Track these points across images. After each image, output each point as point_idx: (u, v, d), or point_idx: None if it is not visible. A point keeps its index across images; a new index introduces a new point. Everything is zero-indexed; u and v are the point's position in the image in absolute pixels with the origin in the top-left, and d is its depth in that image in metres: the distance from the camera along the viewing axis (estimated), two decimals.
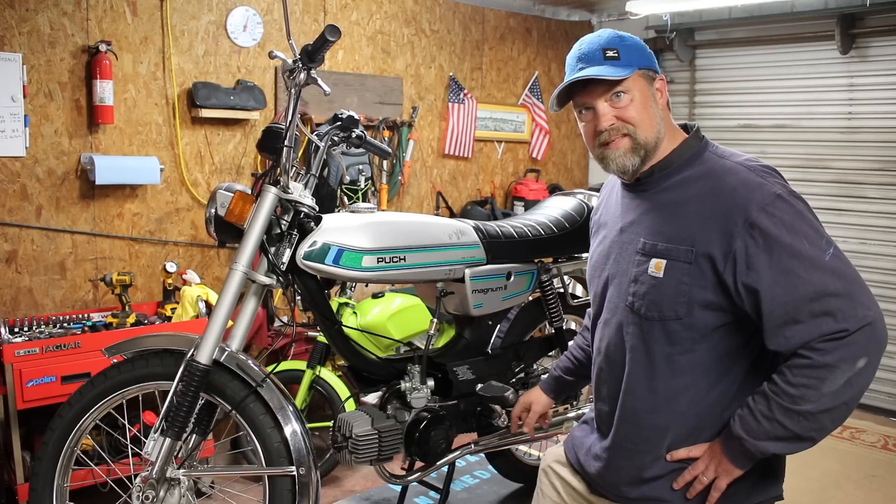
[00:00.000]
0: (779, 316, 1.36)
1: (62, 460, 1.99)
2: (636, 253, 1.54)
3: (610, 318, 1.61)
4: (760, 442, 1.39)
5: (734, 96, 4.76)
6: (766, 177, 1.43)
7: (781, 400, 1.36)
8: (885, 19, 4.08)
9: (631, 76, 1.50)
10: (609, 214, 1.69)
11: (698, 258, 1.43)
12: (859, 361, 1.32)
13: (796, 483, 3.19)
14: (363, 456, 2.05)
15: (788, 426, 1.36)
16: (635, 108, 1.51)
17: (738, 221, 1.38)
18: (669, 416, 1.51)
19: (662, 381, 1.50)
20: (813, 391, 1.33)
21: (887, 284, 4.21)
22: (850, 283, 1.34)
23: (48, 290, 3.12)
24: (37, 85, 3.01)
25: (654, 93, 1.54)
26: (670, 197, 1.52)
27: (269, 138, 2.05)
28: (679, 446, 1.52)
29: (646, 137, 1.51)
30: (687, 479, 1.50)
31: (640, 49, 1.54)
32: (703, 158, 1.52)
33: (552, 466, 1.78)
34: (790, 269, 1.34)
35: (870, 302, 1.34)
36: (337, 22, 3.86)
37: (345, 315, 3.23)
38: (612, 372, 1.61)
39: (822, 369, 1.32)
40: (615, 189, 1.70)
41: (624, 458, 1.57)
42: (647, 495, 1.54)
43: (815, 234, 1.37)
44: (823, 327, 1.32)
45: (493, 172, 4.87)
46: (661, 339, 1.49)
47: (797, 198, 1.42)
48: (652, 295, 1.49)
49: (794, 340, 1.35)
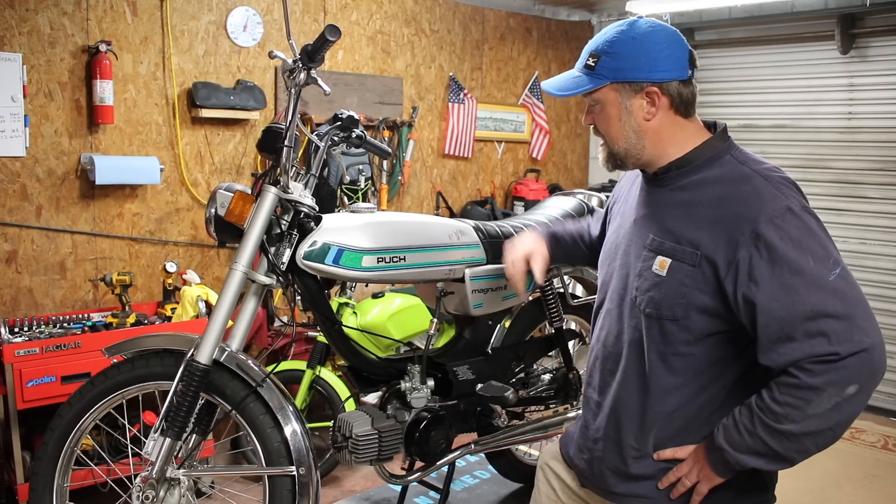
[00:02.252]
0: (773, 331, 1.33)
1: (62, 460, 1.99)
2: (644, 248, 1.53)
3: (612, 308, 1.61)
4: (741, 455, 1.38)
5: (734, 96, 4.77)
6: (782, 189, 1.40)
7: (765, 416, 1.34)
8: (885, 19, 4.08)
9: (600, 89, 1.49)
10: (628, 204, 1.67)
11: (702, 262, 1.41)
12: (849, 388, 1.28)
13: (796, 483, 3.18)
14: (363, 456, 2.04)
15: (769, 443, 1.34)
16: (602, 120, 1.53)
17: (746, 231, 1.36)
18: (657, 414, 1.51)
19: (654, 379, 1.50)
20: (797, 412, 1.31)
21: (887, 284, 4.21)
22: (852, 307, 1.30)
23: (48, 290, 3.12)
24: (37, 85, 3.01)
25: (628, 106, 1.49)
26: (685, 196, 1.49)
27: (269, 138, 2.05)
28: (665, 446, 1.52)
29: (616, 150, 1.53)
30: (671, 479, 1.50)
31: (632, 58, 1.48)
32: (723, 161, 1.48)
33: (548, 463, 1.78)
34: (791, 285, 1.32)
35: (869, 328, 1.29)
36: (337, 22, 3.86)
37: (345, 315, 3.23)
38: (606, 362, 1.61)
39: (809, 391, 1.29)
40: (638, 179, 1.67)
41: (610, 449, 1.57)
42: (633, 492, 1.55)
43: (822, 252, 1.34)
44: (816, 348, 1.29)
45: (493, 172, 4.87)
46: (657, 337, 1.49)
47: (810, 214, 1.38)
48: (652, 292, 1.48)
49: (785, 357, 1.32)
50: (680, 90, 1.49)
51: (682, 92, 1.49)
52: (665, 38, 1.48)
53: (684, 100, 1.50)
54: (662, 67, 1.47)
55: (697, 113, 1.55)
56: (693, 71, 1.50)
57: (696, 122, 1.54)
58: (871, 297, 4.18)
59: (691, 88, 1.51)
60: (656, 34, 1.48)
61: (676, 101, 1.49)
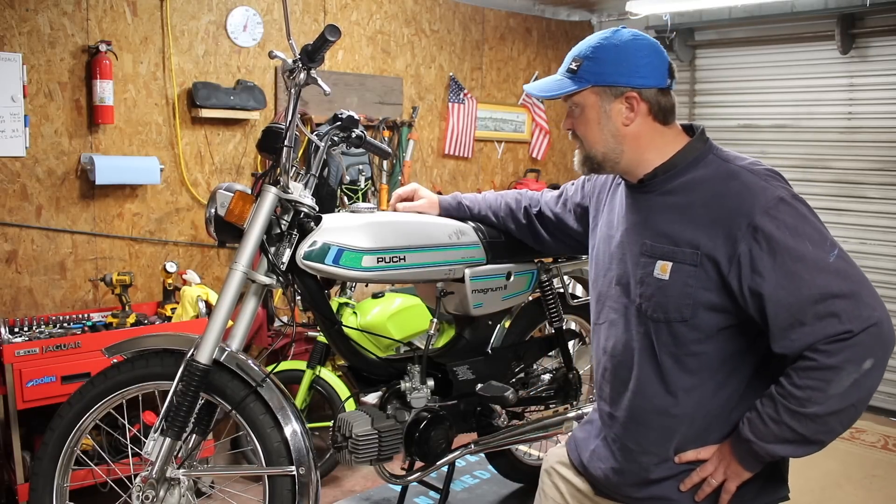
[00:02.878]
0: (783, 319, 1.35)
1: (62, 460, 1.99)
2: (641, 255, 1.54)
3: (616, 318, 1.61)
4: (769, 445, 1.40)
5: (734, 96, 4.76)
6: (769, 180, 1.44)
7: (788, 403, 1.36)
8: (885, 19, 4.08)
9: (580, 92, 1.53)
10: (614, 214, 1.69)
11: (703, 261, 1.43)
12: (865, 363, 1.31)
13: (796, 483, 3.17)
14: (363, 456, 2.04)
15: (796, 429, 1.36)
16: (581, 123, 1.56)
17: (742, 225, 1.39)
18: (678, 418, 1.51)
19: (671, 383, 1.51)
20: (819, 393, 1.33)
21: (887, 284, 4.21)
22: (855, 284, 1.34)
23: (48, 290, 3.12)
24: (37, 85, 3.01)
25: (608, 111, 1.52)
26: (675, 199, 1.52)
27: (269, 138, 2.05)
28: (686, 448, 1.52)
29: (593, 153, 1.56)
30: (695, 480, 1.50)
31: (613, 64, 1.51)
32: (706, 161, 1.52)
33: (555, 467, 1.78)
34: (794, 271, 1.34)
35: (875, 303, 1.33)
36: (337, 22, 3.86)
37: (345, 315, 3.23)
38: (617, 373, 1.61)
39: (828, 371, 1.32)
40: (620, 189, 1.69)
41: (631, 460, 1.57)
42: (654, 495, 1.55)
43: (818, 237, 1.37)
44: (828, 329, 1.32)
45: (493, 172, 4.87)
46: (668, 340, 1.50)
47: (800, 201, 1.42)
48: (658, 297, 1.49)
49: (799, 343, 1.35)
50: (658, 98, 1.52)
51: (660, 100, 1.53)
52: (646, 46, 1.53)
53: (662, 107, 1.53)
54: (642, 74, 1.51)
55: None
56: (672, 82, 1.55)
57: (676, 127, 1.58)
58: None
59: (670, 98, 1.55)
60: (638, 42, 1.53)
61: (655, 108, 1.53)
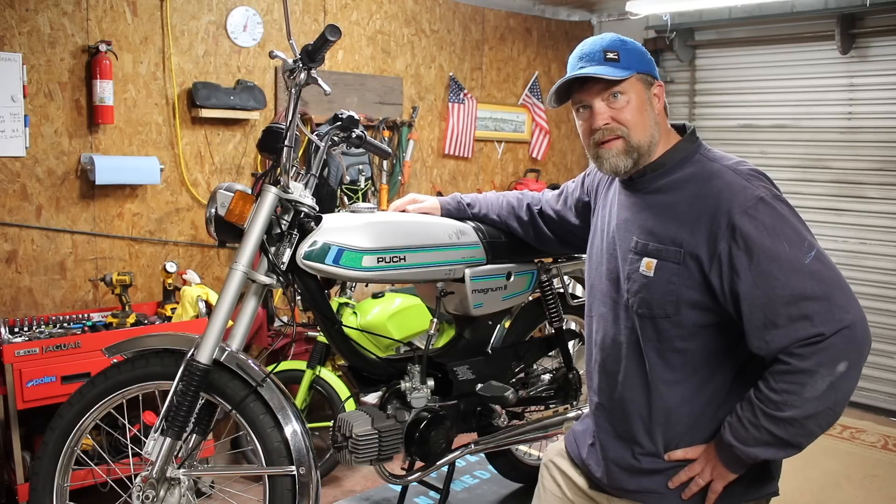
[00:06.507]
0: (757, 319, 1.36)
1: (62, 460, 1.98)
2: (630, 251, 1.57)
3: (606, 312, 1.64)
4: (750, 448, 1.41)
5: (734, 96, 4.76)
6: (751, 180, 1.45)
7: (765, 407, 1.37)
8: (885, 19, 4.08)
9: (629, 78, 1.53)
10: (608, 209, 1.72)
11: (686, 259, 1.45)
12: (839, 366, 1.31)
13: (796, 483, 3.18)
14: (363, 456, 2.04)
15: (775, 432, 1.37)
16: (630, 110, 1.53)
17: (722, 224, 1.40)
18: (661, 409, 1.53)
19: (655, 377, 1.53)
20: (795, 397, 1.33)
21: (887, 284, 4.21)
22: (829, 287, 1.34)
23: (48, 290, 3.12)
24: (37, 85, 3.01)
25: (650, 97, 1.56)
26: (661, 198, 1.54)
27: (269, 138, 2.05)
28: (675, 445, 1.54)
29: (639, 141, 1.54)
30: (682, 478, 1.52)
31: (641, 54, 1.57)
32: (693, 161, 1.54)
33: (553, 461, 1.80)
34: (769, 272, 1.35)
35: (849, 305, 1.33)
36: (337, 22, 3.86)
37: (345, 315, 3.23)
38: (606, 364, 1.64)
39: (802, 374, 1.33)
40: (614, 184, 1.72)
41: (620, 446, 1.60)
42: (645, 487, 1.57)
43: (796, 238, 1.38)
44: (800, 332, 1.32)
45: (493, 172, 4.87)
46: (652, 336, 1.52)
47: (781, 201, 1.43)
48: (643, 293, 1.52)
49: (773, 345, 1.36)
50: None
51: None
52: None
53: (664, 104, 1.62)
54: (655, 68, 1.59)
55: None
56: None
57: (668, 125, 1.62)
58: (871, 297, 4.19)
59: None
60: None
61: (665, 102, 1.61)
